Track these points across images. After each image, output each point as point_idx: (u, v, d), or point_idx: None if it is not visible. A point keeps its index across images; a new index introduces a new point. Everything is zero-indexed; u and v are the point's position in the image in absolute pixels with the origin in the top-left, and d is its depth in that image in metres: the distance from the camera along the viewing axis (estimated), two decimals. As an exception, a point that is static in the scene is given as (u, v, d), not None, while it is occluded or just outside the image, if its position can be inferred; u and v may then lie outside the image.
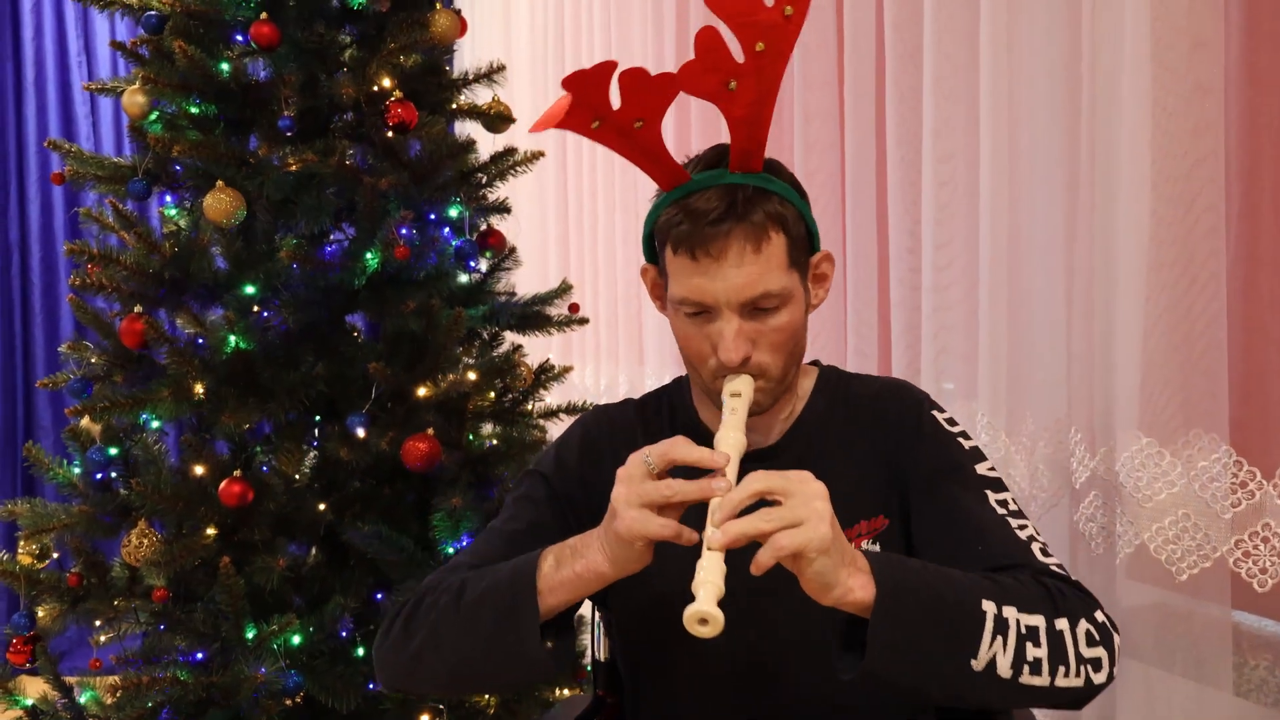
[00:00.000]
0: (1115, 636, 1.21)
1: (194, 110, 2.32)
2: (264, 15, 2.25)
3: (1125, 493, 1.77)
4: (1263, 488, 1.64)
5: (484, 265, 2.60)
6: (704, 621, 1.05)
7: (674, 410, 1.50)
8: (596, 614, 1.59)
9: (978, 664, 1.12)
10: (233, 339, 2.20)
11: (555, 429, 2.73)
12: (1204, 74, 1.69)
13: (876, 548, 1.34)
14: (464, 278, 2.51)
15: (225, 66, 2.30)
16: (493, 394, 2.48)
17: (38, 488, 4.48)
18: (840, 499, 1.29)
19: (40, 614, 2.32)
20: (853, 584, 1.11)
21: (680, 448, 1.16)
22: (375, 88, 2.34)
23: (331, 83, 2.37)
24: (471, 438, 2.41)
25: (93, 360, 2.38)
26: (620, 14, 3.45)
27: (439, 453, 2.22)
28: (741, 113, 1.26)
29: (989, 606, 1.14)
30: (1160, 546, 1.72)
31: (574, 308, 2.67)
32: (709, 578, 1.07)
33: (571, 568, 1.22)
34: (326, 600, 2.29)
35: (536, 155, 2.64)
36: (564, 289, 2.69)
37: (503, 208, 2.64)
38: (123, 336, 2.22)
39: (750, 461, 1.27)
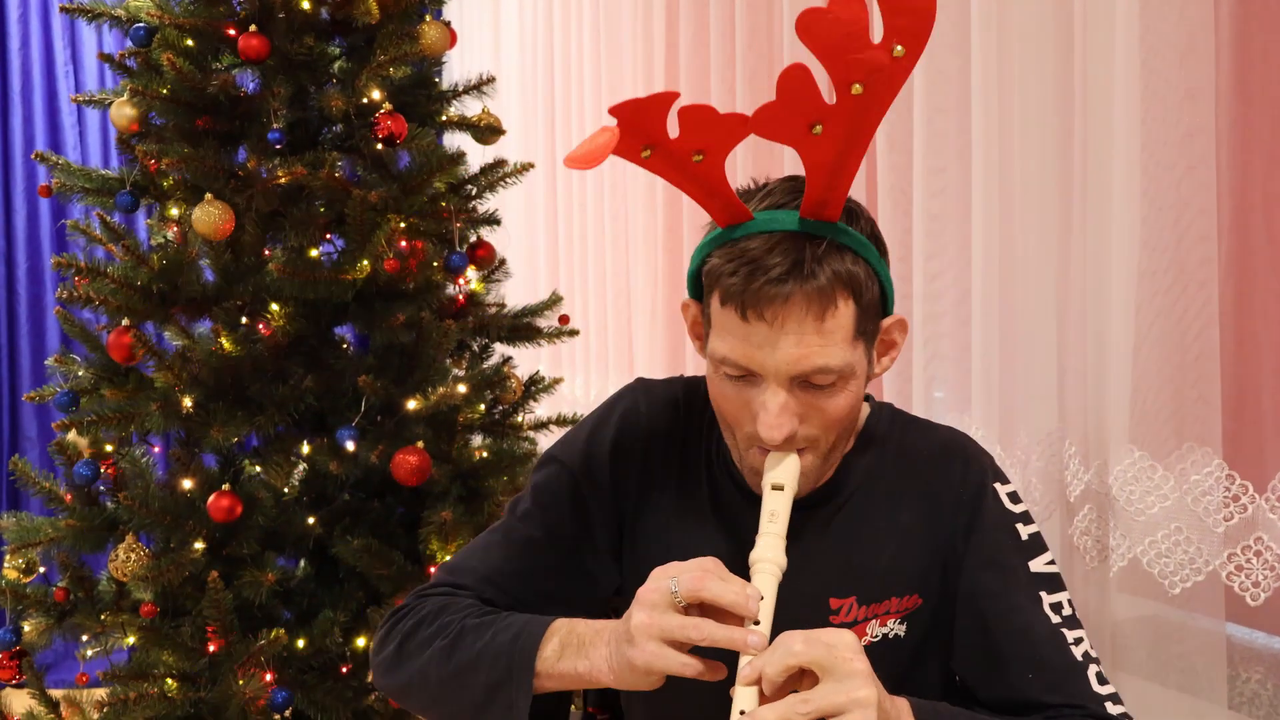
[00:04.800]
0: None
1: (182, 123, 2.30)
2: (253, 28, 2.25)
3: (1118, 506, 1.76)
4: (1255, 501, 1.64)
5: (474, 277, 2.60)
6: None
7: (716, 433, 1.32)
8: None
9: None
10: (224, 342, 2.19)
11: (545, 440, 2.73)
12: (1195, 81, 1.70)
13: (903, 629, 1.25)
14: (453, 290, 2.51)
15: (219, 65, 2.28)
16: (483, 406, 2.47)
17: (24, 501, 4.46)
18: (876, 571, 1.25)
19: (26, 628, 2.30)
20: None
21: (712, 586, 1.04)
22: (364, 100, 2.34)
23: (320, 95, 2.37)
24: (461, 450, 2.40)
25: (80, 373, 2.37)
26: (610, 24, 3.45)
27: (429, 466, 2.21)
28: (824, 158, 1.07)
29: None
30: (1153, 560, 1.71)
31: (564, 319, 2.67)
32: None
33: (574, 665, 1.13)
34: (316, 614, 2.27)
35: (526, 167, 2.63)
36: (554, 301, 2.69)
37: (492, 219, 2.64)
38: (111, 350, 2.21)
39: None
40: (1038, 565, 1.23)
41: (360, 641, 2.28)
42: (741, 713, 1.00)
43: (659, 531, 1.31)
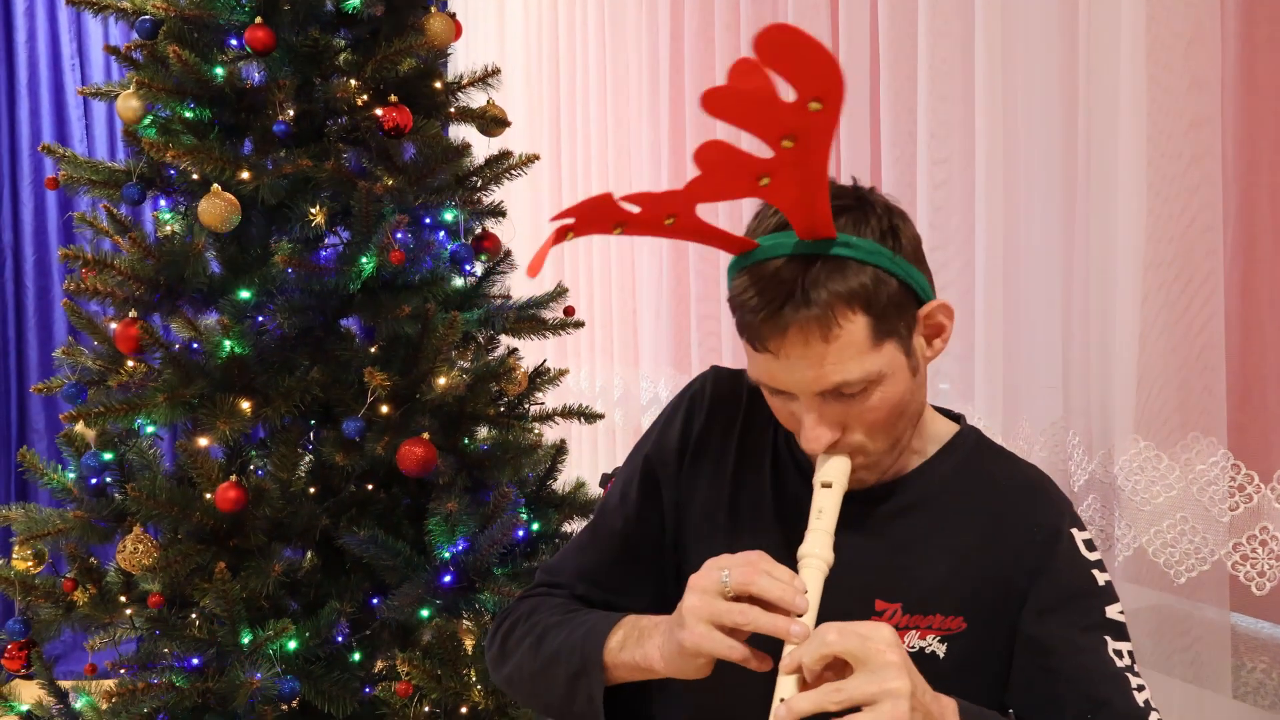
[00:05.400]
0: None
1: (188, 115, 2.31)
2: (258, 20, 2.25)
3: (1123, 496, 1.77)
4: (1260, 491, 1.64)
5: (479, 269, 2.60)
6: None
7: None
8: None
9: None
10: (227, 344, 2.19)
11: (551, 433, 2.73)
12: (1201, 70, 1.69)
13: (943, 648, 1.22)
14: (459, 281, 2.51)
15: (219, 71, 2.29)
16: (488, 398, 2.47)
17: (32, 493, 4.47)
18: (926, 583, 1.23)
19: (35, 619, 2.31)
20: None
21: (760, 582, 1.07)
22: (370, 92, 2.34)
23: (326, 87, 2.37)
24: (467, 442, 2.40)
25: (87, 365, 2.37)
26: (614, 15, 3.45)
27: (434, 457, 2.21)
28: (788, 196, 1.06)
29: None
30: (1158, 550, 1.71)
31: (569, 311, 2.67)
32: None
33: (632, 655, 1.19)
34: (322, 605, 2.28)
35: (531, 159, 2.63)
36: (559, 292, 2.69)
37: (497, 211, 2.64)
38: (117, 341, 2.22)
39: (844, 502, 1.18)
40: (1111, 612, 1.22)
41: (367, 632, 2.29)
42: (782, 700, 1.03)
43: (713, 513, 1.34)
